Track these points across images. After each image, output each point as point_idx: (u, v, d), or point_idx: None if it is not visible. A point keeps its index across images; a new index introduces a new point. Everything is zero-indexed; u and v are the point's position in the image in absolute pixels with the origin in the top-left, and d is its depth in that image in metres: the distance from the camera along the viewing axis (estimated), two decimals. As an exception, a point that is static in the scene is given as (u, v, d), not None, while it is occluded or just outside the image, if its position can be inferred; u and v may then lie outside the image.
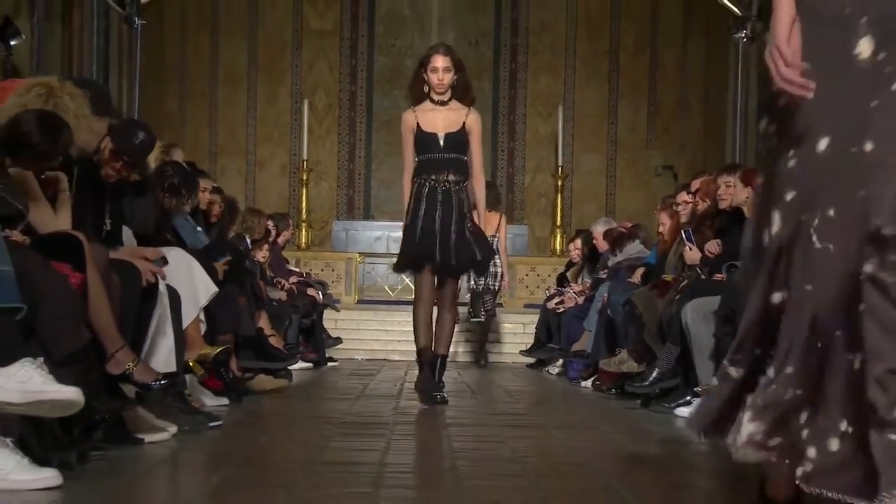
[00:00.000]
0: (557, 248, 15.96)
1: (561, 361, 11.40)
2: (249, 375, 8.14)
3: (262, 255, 10.81)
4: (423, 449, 5.72)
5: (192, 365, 6.54)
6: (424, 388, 7.59)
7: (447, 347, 7.89)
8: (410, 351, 11.48)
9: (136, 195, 6.26)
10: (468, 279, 11.76)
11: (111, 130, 5.78)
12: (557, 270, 14.05)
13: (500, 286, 12.54)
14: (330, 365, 12.00)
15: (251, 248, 10.35)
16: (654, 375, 7.74)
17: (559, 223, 16.23)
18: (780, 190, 2.99)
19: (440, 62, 7.64)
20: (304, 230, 15.86)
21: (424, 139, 7.68)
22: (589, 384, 9.58)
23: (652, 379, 7.75)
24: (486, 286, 12.44)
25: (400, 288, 14.83)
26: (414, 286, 7.92)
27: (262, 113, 17.59)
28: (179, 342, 5.98)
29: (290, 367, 9.43)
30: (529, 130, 17.66)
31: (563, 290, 12.20)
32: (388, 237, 15.61)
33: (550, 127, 17.16)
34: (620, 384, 8.63)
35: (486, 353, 13.44)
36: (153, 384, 5.09)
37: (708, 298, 7.11)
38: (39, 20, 12.14)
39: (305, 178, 16.14)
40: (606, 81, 17.65)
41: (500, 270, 12.40)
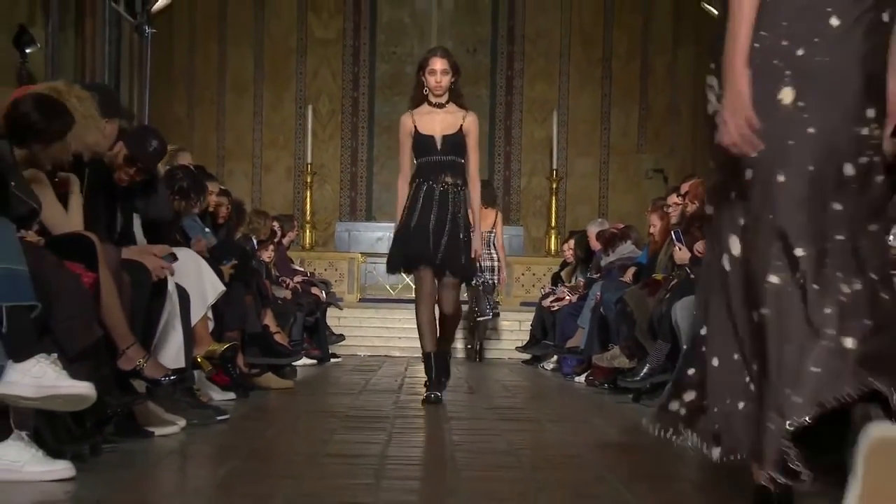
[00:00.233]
0: (552, 248, 15.94)
1: (555, 357, 11.40)
2: (256, 371, 8.15)
3: (267, 255, 10.83)
4: (423, 442, 5.72)
5: (200, 361, 6.60)
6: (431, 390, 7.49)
7: (449, 343, 7.93)
8: (411, 347, 11.59)
9: (148, 191, 6.26)
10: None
11: (125, 138, 5.87)
12: (552, 270, 14.07)
13: (498, 280, 12.45)
14: (333, 361, 12.04)
15: (257, 248, 10.35)
16: (645, 371, 7.85)
17: (554, 224, 16.24)
18: (731, 217, 3.36)
19: (438, 64, 7.51)
20: (308, 231, 15.87)
21: (422, 141, 7.55)
22: (582, 379, 9.59)
23: (643, 374, 7.86)
24: (486, 283, 12.44)
25: (401, 286, 14.76)
26: (414, 286, 7.79)
27: (267, 118, 17.58)
28: (188, 339, 6.07)
29: (294, 363, 9.49)
30: (525, 135, 17.65)
31: (556, 288, 12.26)
32: (389, 238, 15.24)
33: (545, 132, 17.18)
34: (613, 379, 8.71)
35: (483, 349, 13.48)
36: (163, 380, 5.16)
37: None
38: (54, 29, 12.03)
39: (309, 181, 16.17)
40: (599, 88, 17.62)
41: (497, 265, 12.38)
